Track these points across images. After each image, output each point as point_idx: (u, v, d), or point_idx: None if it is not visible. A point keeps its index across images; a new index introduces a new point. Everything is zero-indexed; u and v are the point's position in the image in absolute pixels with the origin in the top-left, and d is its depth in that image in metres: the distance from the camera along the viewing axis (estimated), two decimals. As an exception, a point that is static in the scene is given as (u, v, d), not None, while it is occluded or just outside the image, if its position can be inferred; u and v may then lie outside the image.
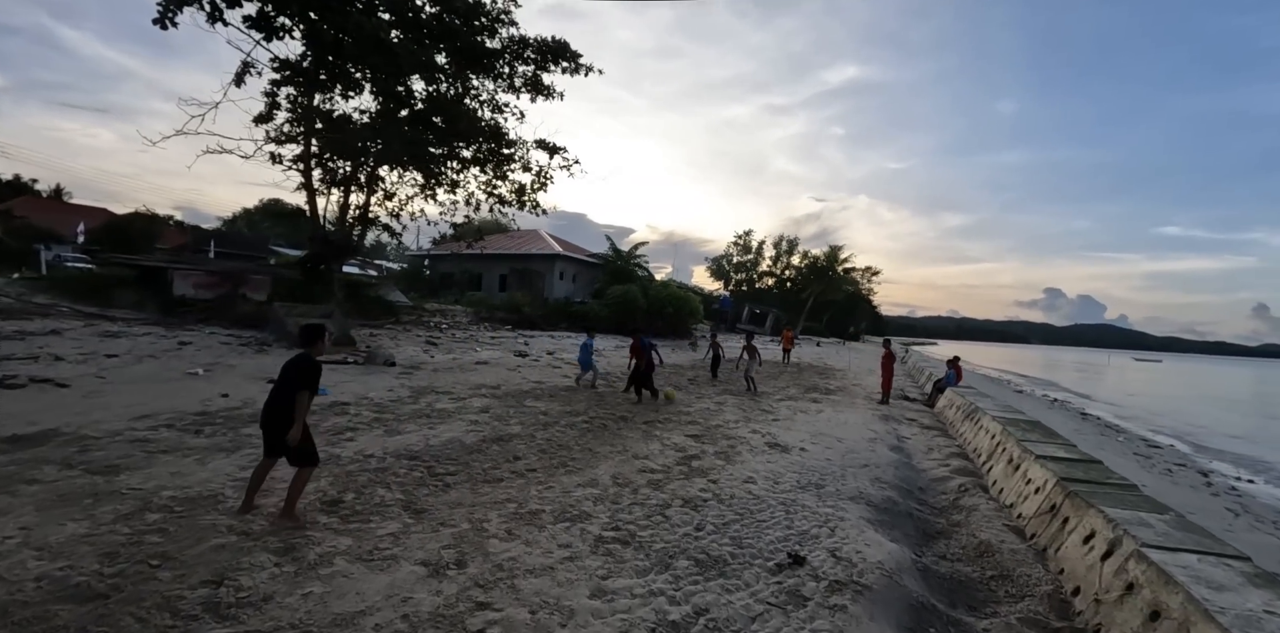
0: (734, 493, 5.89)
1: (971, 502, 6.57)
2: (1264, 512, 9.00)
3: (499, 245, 36.72)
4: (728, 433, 8.67)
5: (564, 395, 10.97)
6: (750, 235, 63.69)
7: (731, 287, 62.14)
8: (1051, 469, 5.95)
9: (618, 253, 36.02)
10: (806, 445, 8.31)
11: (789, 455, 7.66)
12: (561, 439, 7.53)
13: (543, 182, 18.87)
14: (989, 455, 7.99)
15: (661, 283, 32.12)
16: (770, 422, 9.88)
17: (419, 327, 20.50)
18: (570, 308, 28.18)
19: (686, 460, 6.98)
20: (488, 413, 8.84)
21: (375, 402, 9.09)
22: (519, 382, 12.14)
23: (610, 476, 6.15)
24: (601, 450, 7.14)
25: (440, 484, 5.57)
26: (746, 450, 7.70)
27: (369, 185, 19.63)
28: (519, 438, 7.43)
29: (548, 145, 17.75)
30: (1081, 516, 4.95)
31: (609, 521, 4.92)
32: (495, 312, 26.15)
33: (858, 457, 7.93)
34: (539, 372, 13.82)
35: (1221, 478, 11.19)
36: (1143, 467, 10.68)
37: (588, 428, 8.31)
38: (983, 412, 9.59)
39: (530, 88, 17.64)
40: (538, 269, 34.10)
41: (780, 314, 52.88)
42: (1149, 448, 13.70)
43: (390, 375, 11.54)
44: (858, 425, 10.27)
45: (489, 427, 7.92)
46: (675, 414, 9.78)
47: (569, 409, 9.57)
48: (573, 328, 26.96)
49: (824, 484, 6.52)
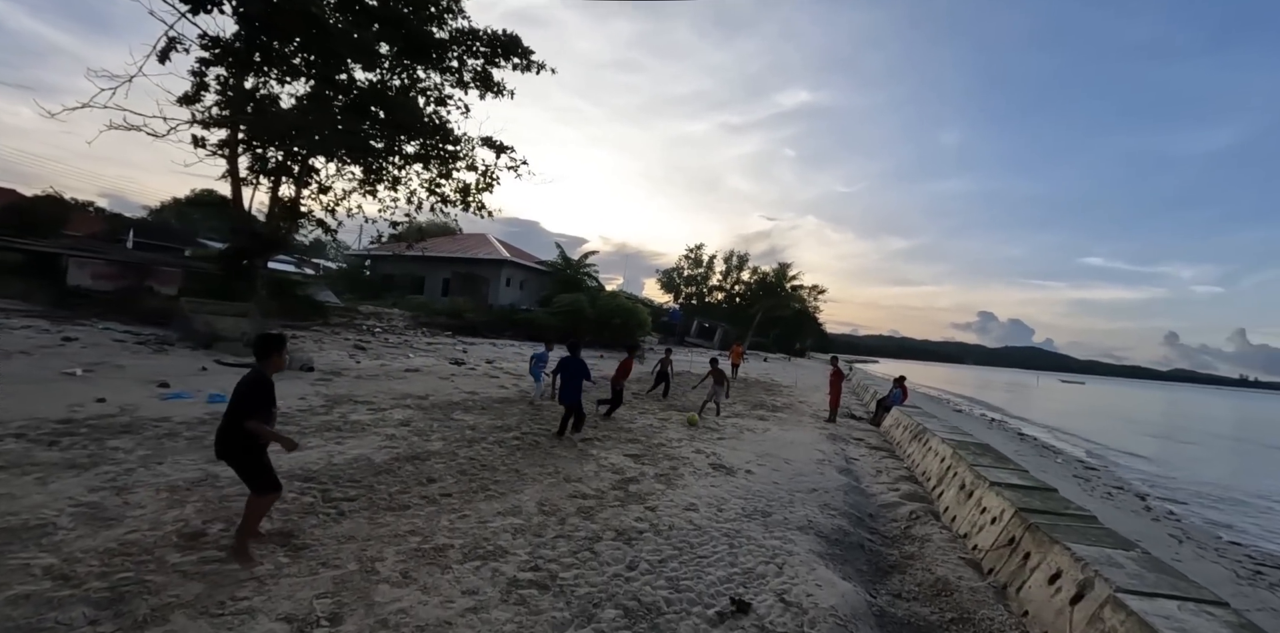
0: (673, 523, 5.29)
1: (924, 531, 6.17)
2: (1204, 538, 9.02)
3: (444, 248, 35.45)
4: (670, 453, 8.09)
5: (497, 408, 10.19)
6: (701, 249, 63.99)
7: (681, 300, 62.10)
8: (1008, 498, 5.61)
9: (567, 261, 35.30)
10: (753, 467, 7.81)
11: (734, 479, 7.14)
12: (486, 459, 6.79)
13: (488, 182, 18.09)
14: (939, 480, 7.67)
15: (610, 293, 31.55)
16: (715, 441, 9.36)
17: (349, 330, 19.24)
18: (515, 315, 27.24)
19: (623, 484, 6.35)
20: (408, 427, 8.00)
21: (281, 412, 8.09)
22: (450, 392, 11.28)
23: (536, 502, 5.46)
24: (530, 472, 6.44)
25: (333, 512, 4.77)
26: (689, 473, 7.13)
27: (302, 177, 18.40)
28: (438, 457, 6.65)
29: (494, 144, 17.01)
30: (1045, 552, 4.57)
31: (528, 558, 4.25)
32: (436, 317, 24.99)
33: (806, 480, 7.48)
34: (474, 381, 12.96)
35: (1158, 502, 11.31)
36: (1084, 490, 10.67)
37: (518, 446, 7.58)
38: (931, 433, 9.33)
39: (480, 83, 16.91)
40: (483, 274, 33.02)
41: (729, 328, 53.02)
42: (1086, 470, 13.87)
43: (305, 382, 10.51)
44: (805, 445, 9.87)
45: (406, 443, 7.11)
46: (615, 431, 9.14)
47: (500, 424, 8.81)
48: (517, 336, 26.02)
49: (771, 512, 6.00)
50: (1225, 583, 6.60)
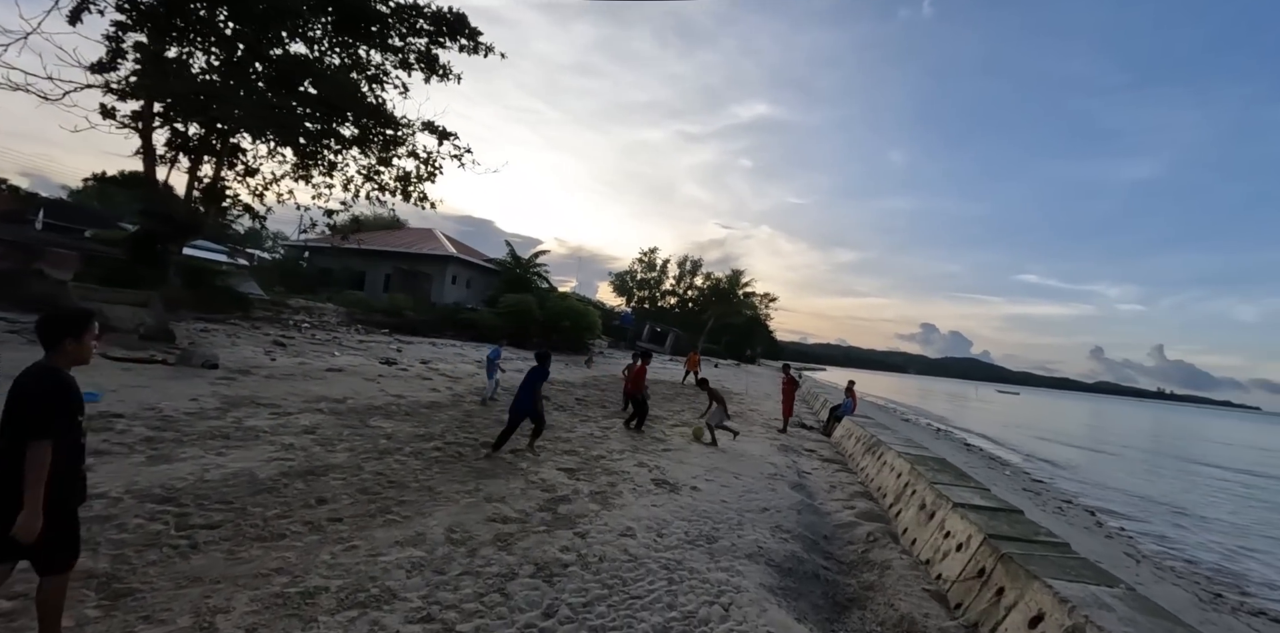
0: (605, 553, 4.56)
1: (883, 556, 5.63)
2: (1156, 556, 8.86)
3: (387, 243, 33.87)
4: (610, 467, 7.35)
5: (424, 413, 9.26)
6: (655, 253, 63.56)
7: (634, 303, 61.49)
8: (974, 522, 5.10)
9: (517, 260, 34.19)
10: (700, 483, 7.15)
11: (679, 496, 6.46)
12: (396, 474, 5.91)
13: (431, 170, 17.00)
14: (897, 497, 7.18)
15: (560, 295, 30.62)
16: (660, 453, 8.67)
17: (273, 325, 17.79)
18: (459, 314, 26.02)
19: (553, 504, 5.58)
20: (312, 435, 7.03)
21: (164, 415, 7.03)
22: (373, 395, 10.27)
23: (445, 528, 4.64)
24: (446, 490, 5.60)
25: (184, 544, 3.86)
26: (629, 490, 6.41)
27: (225, 156, 16.94)
28: (338, 471, 5.74)
29: (436, 129, 15.97)
30: (1022, 589, 4.04)
31: (420, 605, 3.45)
32: (372, 313, 23.59)
33: (756, 498, 6.86)
34: (404, 384, 11.94)
35: (1105, 516, 11.22)
36: (1036, 505, 10.46)
37: (438, 458, 6.72)
38: (886, 446, 8.90)
39: (424, 65, 15.86)
40: (427, 271, 31.58)
41: (681, 334, 52.70)
42: (1034, 482, 13.82)
43: (205, 381, 9.34)
44: (756, 458, 9.30)
45: (304, 454, 6.16)
46: (552, 442, 8.34)
47: (422, 432, 7.91)
48: (460, 336, 24.83)
49: (718, 536, 5.34)
50: (1190, 608, 6.30)
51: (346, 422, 7.94)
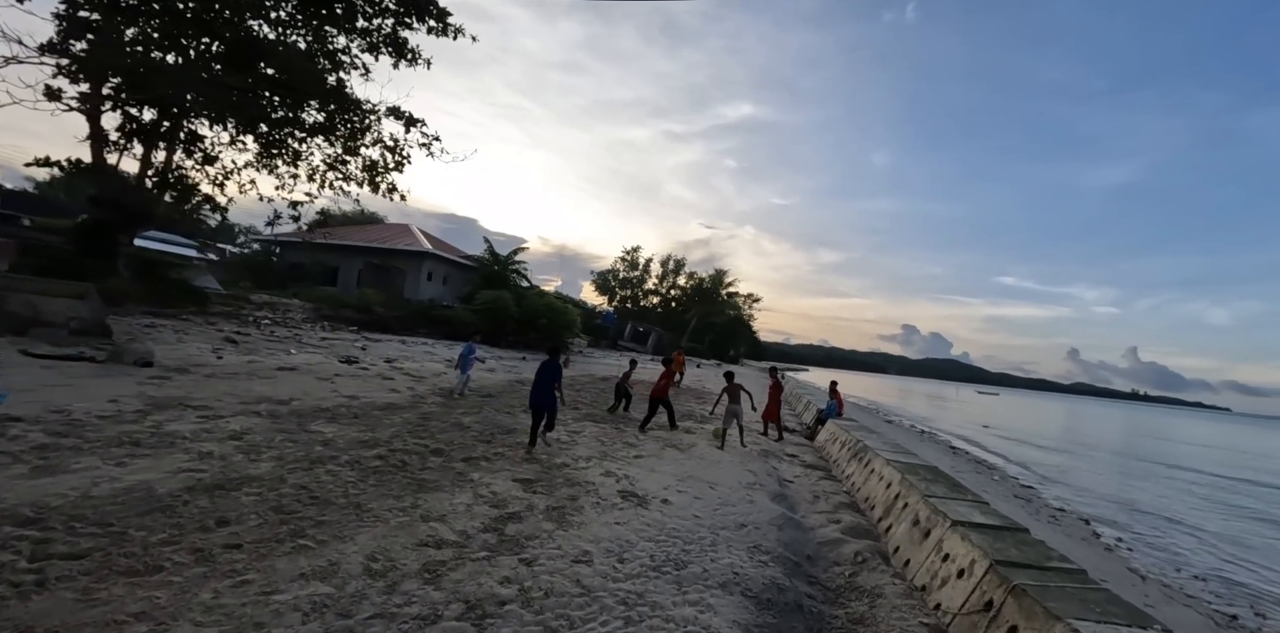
0: (553, 585, 3.90)
1: (873, 581, 5.03)
2: (1158, 571, 8.36)
3: (361, 237, 32.92)
4: (573, 476, 6.68)
5: (375, 416, 8.52)
6: (638, 252, 62.77)
7: (616, 302, 60.78)
8: (977, 544, 4.51)
9: (495, 257, 33.35)
10: (671, 495, 6.50)
11: (647, 511, 5.80)
12: (324, 487, 5.19)
13: (398, 159, 16.23)
14: (886, 510, 6.60)
15: (538, 292, 29.84)
16: (632, 460, 8.01)
17: (230, 320, 16.87)
18: (433, 311, 25.17)
19: (500, 523, 4.91)
20: (239, 441, 6.28)
21: (71, 418, 6.25)
22: (324, 396, 9.50)
23: (366, 555, 3.95)
24: (377, 506, 4.90)
25: (30, 581, 3.15)
26: (592, 505, 5.75)
27: (179, 141, 16.03)
28: (256, 484, 5.02)
29: (402, 114, 15.20)
30: (1041, 631, 3.45)
31: (307, 663, 2.76)
32: (341, 309, 22.68)
33: (733, 512, 6.23)
34: (361, 383, 11.17)
35: (1099, 526, 10.74)
36: (1029, 514, 9.97)
37: (377, 468, 6.00)
38: (873, 452, 8.33)
39: (391, 48, 15.09)
40: (401, 267, 30.66)
41: (663, 333, 52.12)
42: (1024, 488, 13.38)
43: (134, 380, 8.52)
44: (734, 465, 8.67)
45: (220, 465, 5.42)
46: (512, 448, 7.66)
47: (367, 437, 7.18)
48: (434, 334, 24.01)
49: (688, 561, 4.70)
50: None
51: (283, 426, 7.19)
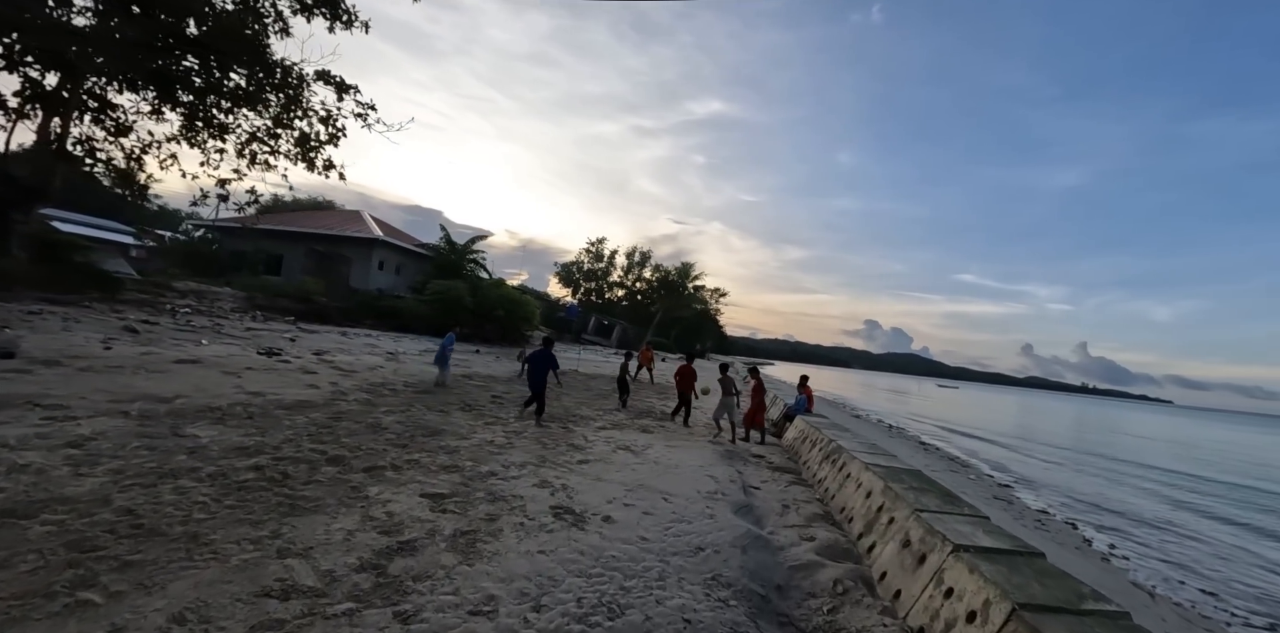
0: (429, 658, 2.80)
1: (859, 620, 4.05)
2: (1163, 584, 7.65)
3: (306, 223, 31.02)
4: (498, 488, 5.56)
5: (276, 416, 7.25)
6: (603, 243, 61.34)
7: (580, 295, 59.37)
8: (991, 579, 3.56)
9: (452, 245, 31.80)
10: (616, 510, 5.43)
11: (583, 533, 4.73)
12: (158, 511, 3.98)
13: (332, 132, 14.74)
14: (868, 525, 5.64)
15: (495, 282, 28.42)
16: (575, 466, 6.92)
17: (142, 308, 15.19)
18: (380, 302, 23.61)
19: (385, 557, 3.77)
20: (78, 449, 5.00)
21: None
22: (222, 392, 8.17)
23: (172, 616, 2.78)
24: (222, 537, 3.72)
25: None
26: (513, 526, 4.64)
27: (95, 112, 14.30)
28: (65, 507, 3.78)
29: (333, 79, 13.75)
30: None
31: None
32: (277, 298, 21.00)
33: (690, 531, 5.20)
34: (274, 378, 9.83)
35: (1086, 529, 10.07)
36: (1013, 517, 9.24)
37: (247, 482, 4.79)
38: (848, 454, 7.40)
39: (325, 9, 13.61)
40: (349, 254, 28.88)
41: (628, 327, 51.06)
42: (1002, 488, 12.73)
43: (-22, 374, 7.10)
44: (693, 470, 7.66)
45: (30, 481, 4.16)
46: (430, 454, 6.50)
47: (251, 443, 5.93)
48: (381, 325, 22.48)
49: (627, 604, 3.64)
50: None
51: (149, 429, 5.89)
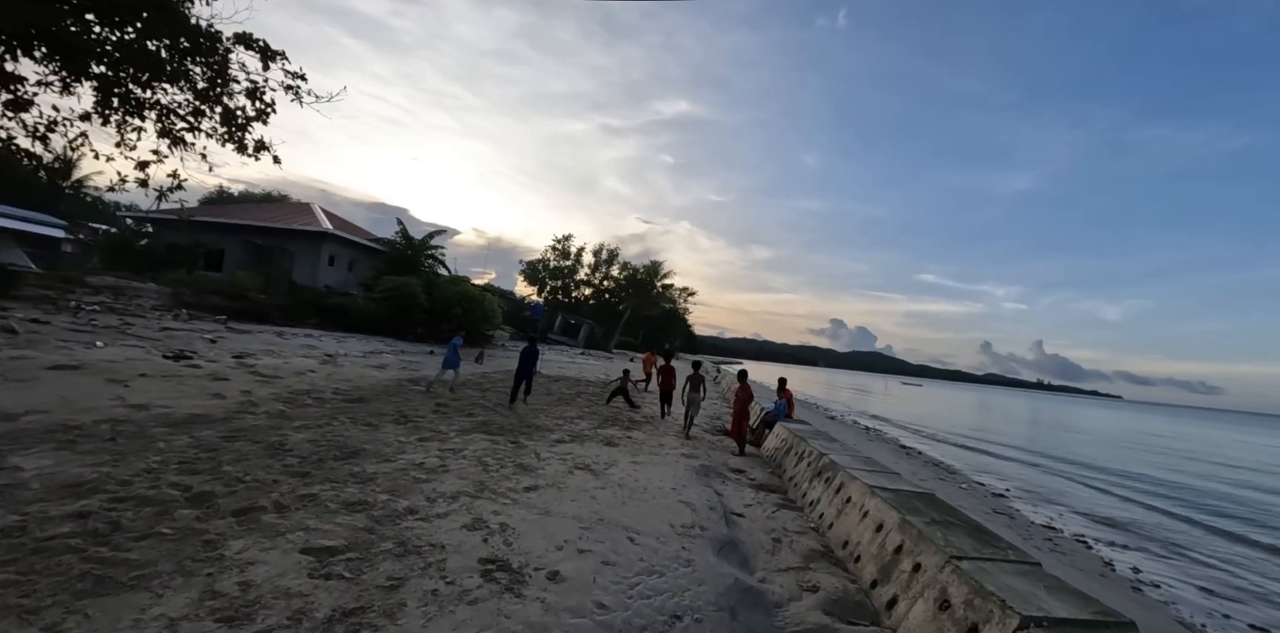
0: None
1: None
2: (1215, 622, 6.74)
3: (249, 215, 29.00)
4: (412, 534, 4.28)
5: (152, 435, 5.84)
6: (569, 241, 59.70)
7: (547, 294, 57.71)
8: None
9: (408, 240, 30.04)
10: (567, 560, 4.22)
11: (520, 603, 3.50)
12: None
13: (261, 107, 13.13)
14: (883, 571, 4.54)
15: (451, 279, 26.83)
16: (520, 495, 5.66)
17: (38, 305, 13.38)
18: (327, 299, 21.88)
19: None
20: None
21: None
22: (93, 406, 6.70)
23: None
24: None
25: None
26: (421, 598, 3.39)
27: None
28: None
29: (255, 44, 12.16)
30: None
31: None
32: (209, 296, 19.16)
33: (661, 589, 4.02)
34: (171, 387, 8.34)
35: (1105, 551, 9.17)
36: (1021, 536, 8.30)
37: (50, 540, 3.44)
38: (845, 472, 6.33)
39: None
40: (296, 249, 26.96)
41: (595, 326, 49.76)
42: (996, 499, 11.87)
43: None
44: (664, 493, 6.48)
45: None
46: (341, 482, 5.19)
47: (94, 476, 4.54)
48: (327, 325, 20.80)
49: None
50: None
51: (-49, 461, 4.47)
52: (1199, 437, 47.82)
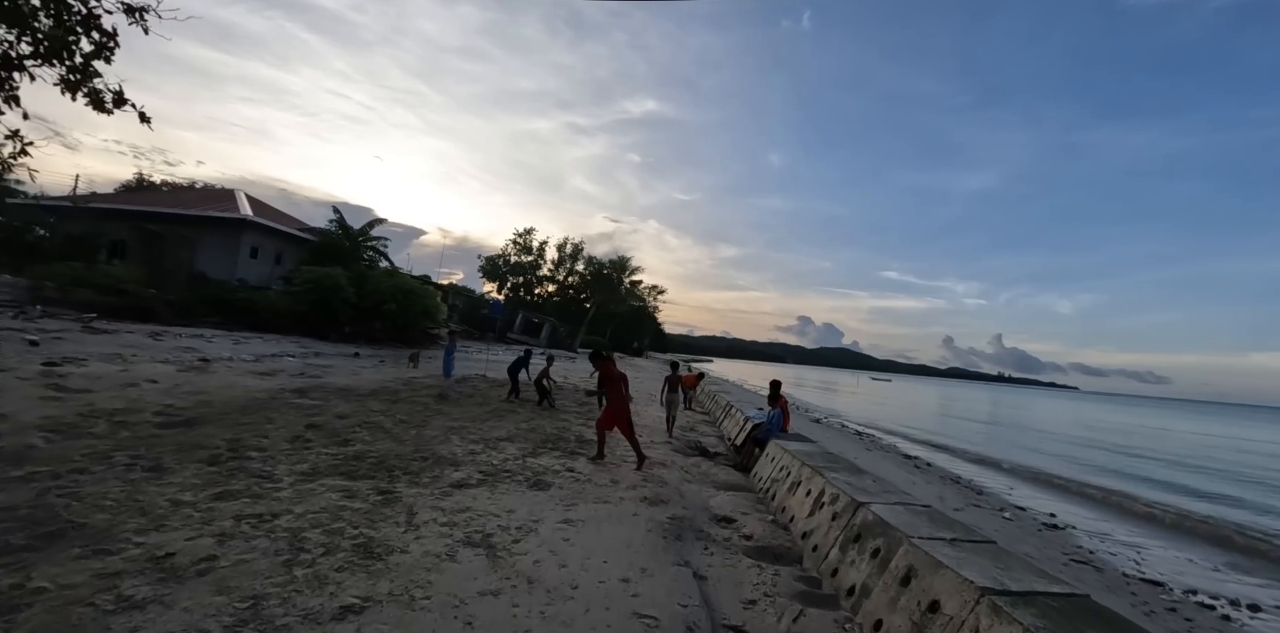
0: None
1: None
2: None
3: (154, 202, 25.50)
4: None
5: None
6: (531, 234, 56.31)
7: (507, 291, 54.44)
8: None
9: (345, 230, 26.85)
10: None
11: None
12: None
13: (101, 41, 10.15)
14: None
15: (387, 272, 23.79)
16: (325, 627, 3.01)
17: None
18: (229, 295, 18.67)
19: None
20: None
21: None
22: None
23: None
24: None
25: None
26: None
27: None
28: None
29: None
30: None
31: None
32: (78, 289, 15.90)
33: None
34: None
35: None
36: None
37: None
38: (912, 546, 3.81)
39: None
40: (211, 239, 23.58)
41: (558, 324, 46.92)
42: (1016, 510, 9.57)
43: None
44: (607, 592, 3.85)
45: None
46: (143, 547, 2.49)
47: None
48: (231, 323, 17.67)
49: None
50: None
51: None
52: (1217, 434, 47.22)
